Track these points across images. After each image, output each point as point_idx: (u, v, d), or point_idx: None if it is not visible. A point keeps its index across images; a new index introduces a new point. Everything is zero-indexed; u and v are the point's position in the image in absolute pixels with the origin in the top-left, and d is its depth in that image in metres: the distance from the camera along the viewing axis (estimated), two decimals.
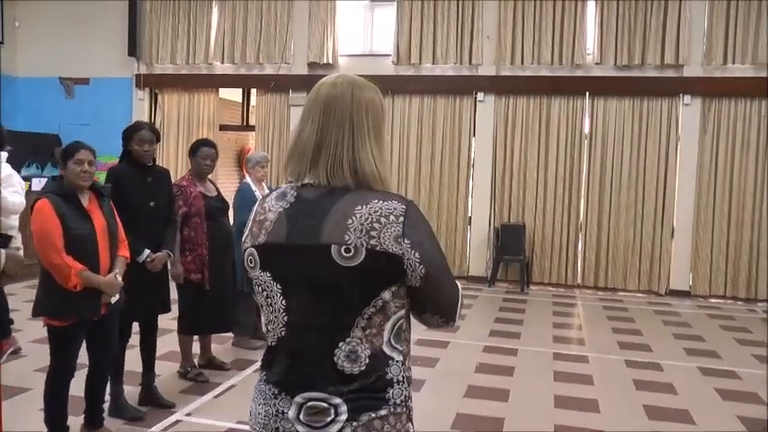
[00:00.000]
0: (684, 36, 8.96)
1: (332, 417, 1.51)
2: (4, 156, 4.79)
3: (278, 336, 1.60)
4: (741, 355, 6.35)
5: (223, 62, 10.55)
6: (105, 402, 4.13)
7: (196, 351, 5.35)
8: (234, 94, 11.38)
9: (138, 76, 10.83)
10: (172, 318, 5.06)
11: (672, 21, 8.98)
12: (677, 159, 9.18)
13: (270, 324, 1.62)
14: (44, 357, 3.76)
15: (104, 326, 3.63)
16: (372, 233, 1.49)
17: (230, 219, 5.45)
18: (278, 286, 1.59)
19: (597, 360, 6.02)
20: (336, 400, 1.51)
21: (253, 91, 10.92)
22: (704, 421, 4.65)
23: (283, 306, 1.58)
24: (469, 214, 9.83)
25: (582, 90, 9.40)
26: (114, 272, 3.61)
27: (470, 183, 9.81)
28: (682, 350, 6.46)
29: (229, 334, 5.82)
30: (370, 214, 1.51)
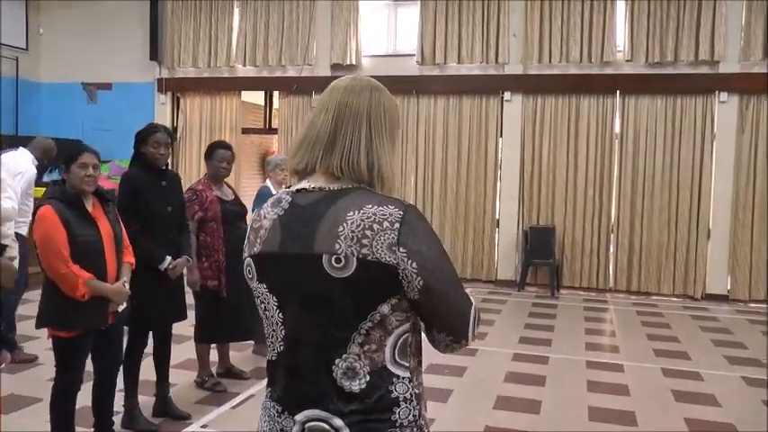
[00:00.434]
0: (720, 31, 8.62)
1: None
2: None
3: (277, 350, 1.52)
4: None
5: (245, 65, 10.46)
6: (119, 414, 4.00)
7: (215, 359, 5.18)
8: (256, 97, 11.28)
9: (160, 81, 10.78)
10: (190, 324, 4.89)
11: (706, 15, 8.65)
12: (713, 159, 8.85)
13: (269, 338, 1.54)
14: None
15: (110, 335, 3.47)
16: (364, 241, 1.38)
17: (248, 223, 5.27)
18: (274, 299, 1.51)
19: (632, 369, 5.74)
20: (338, 422, 1.42)
21: (275, 93, 10.81)
22: None
23: (280, 319, 1.50)
24: (497, 217, 9.62)
25: (612, 88, 9.11)
26: (122, 279, 3.45)
27: (498, 184, 9.60)
28: (722, 358, 6.14)
29: (249, 341, 5.65)
30: (362, 221, 1.40)
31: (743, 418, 4.64)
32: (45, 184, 3.87)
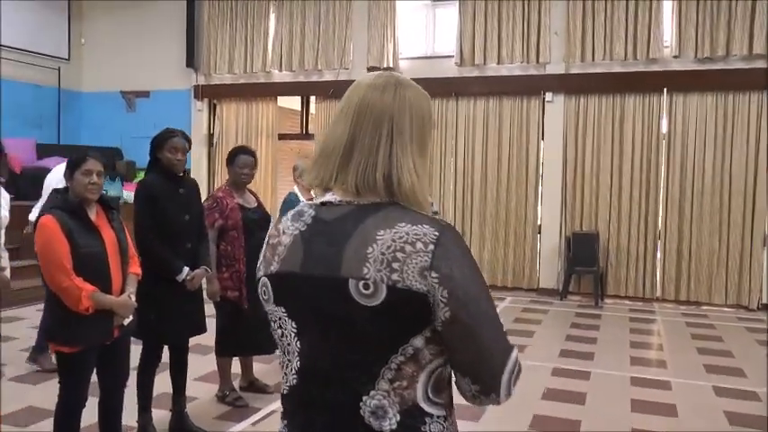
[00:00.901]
0: None
1: None
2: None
3: (290, 384, 1.36)
4: None
5: (281, 70, 10.39)
6: (132, 430, 3.85)
7: (238, 371, 5.01)
8: (293, 103, 11.17)
9: (197, 87, 10.80)
10: (213, 335, 4.73)
11: (761, 7, 8.19)
12: None
13: (284, 367, 1.38)
14: None
15: (116, 350, 3.31)
16: (395, 265, 1.22)
17: None
18: (293, 325, 1.34)
19: (681, 386, 5.37)
20: None
21: (312, 98, 10.68)
22: None
23: (297, 349, 1.34)
24: (539, 222, 9.34)
25: (659, 86, 8.72)
26: (128, 291, 3.29)
27: (539, 189, 9.31)
28: None
29: (276, 353, 5.47)
30: (393, 241, 1.24)
31: None
32: None
